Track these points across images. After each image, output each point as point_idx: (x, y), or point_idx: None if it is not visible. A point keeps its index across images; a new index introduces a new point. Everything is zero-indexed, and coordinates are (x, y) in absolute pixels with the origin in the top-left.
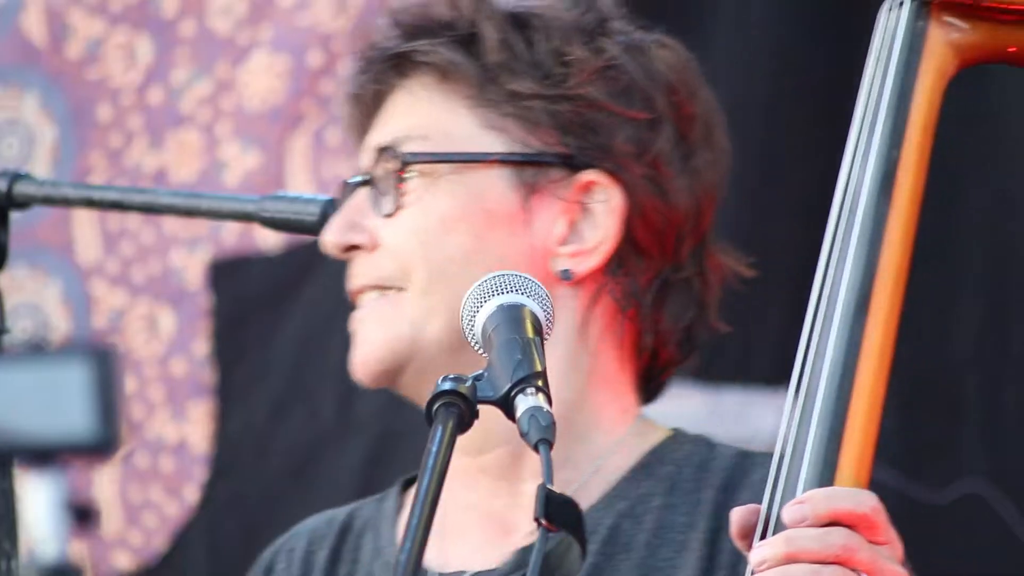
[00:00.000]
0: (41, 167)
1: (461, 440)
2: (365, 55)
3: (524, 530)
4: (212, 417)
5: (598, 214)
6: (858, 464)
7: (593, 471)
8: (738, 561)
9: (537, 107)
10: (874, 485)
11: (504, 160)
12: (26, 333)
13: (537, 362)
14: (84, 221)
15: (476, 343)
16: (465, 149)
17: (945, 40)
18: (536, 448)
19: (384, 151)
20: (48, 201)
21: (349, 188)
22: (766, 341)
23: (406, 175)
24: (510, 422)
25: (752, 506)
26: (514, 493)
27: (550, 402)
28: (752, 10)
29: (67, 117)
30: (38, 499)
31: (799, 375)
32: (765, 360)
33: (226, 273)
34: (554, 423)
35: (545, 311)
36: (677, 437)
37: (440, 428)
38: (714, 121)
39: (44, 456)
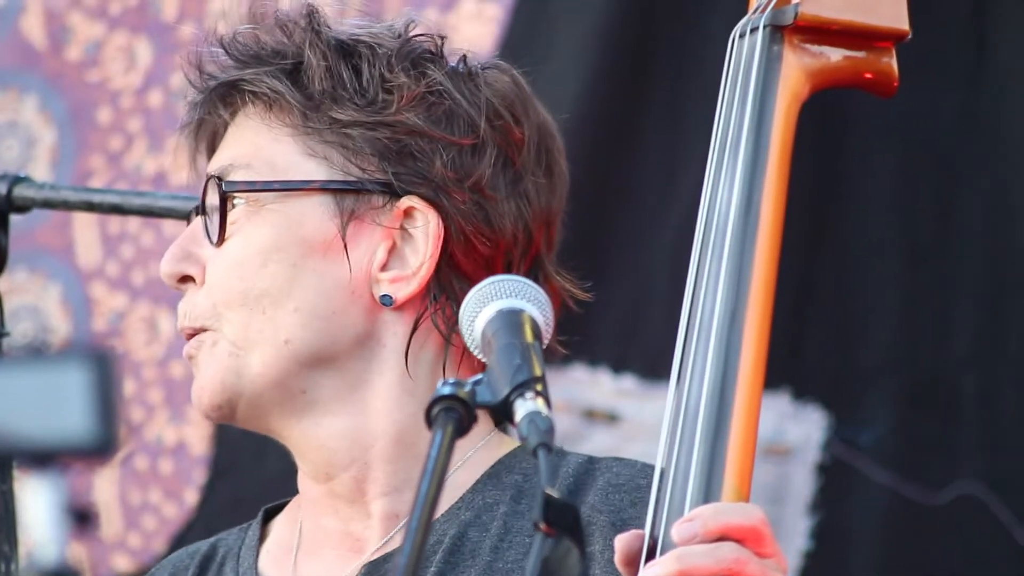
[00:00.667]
0: (40, 170)
1: (308, 468)
2: (197, 84)
3: (374, 546)
4: None
5: (418, 240)
6: (741, 478)
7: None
8: (588, 564)
9: (357, 134)
10: (871, 486)
11: (323, 188)
12: (26, 336)
13: (536, 366)
14: (84, 224)
15: (475, 347)
16: (286, 177)
17: (799, 65)
18: (534, 453)
19: (210, 180)
20: (48, 204)
21: (191, 216)
22: None
23: (230, 204)
24: (347, 445)
25: (635, 531)
26: (365, 514)
27: (550, 406)
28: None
29: (67, 120)
30: (37, 502)
31: (676, 395)
32: None
33: None
34: (553, 427)
35: (544, 316)
36: (526, 447)
37: (439, 433)
38: (548, 144)
39: (44, 459)
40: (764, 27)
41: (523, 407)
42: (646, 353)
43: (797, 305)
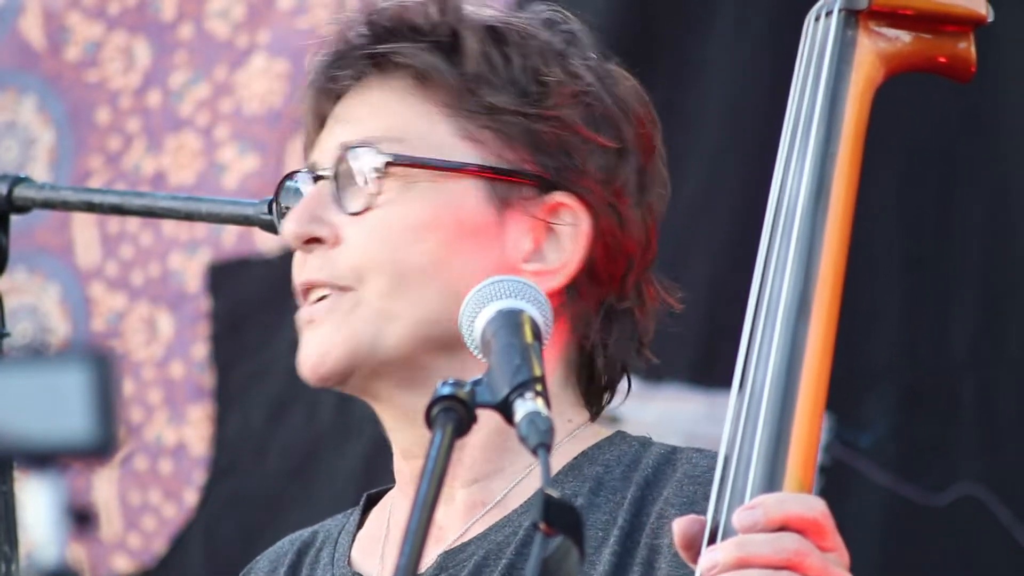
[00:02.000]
0: (39, 170)
1: (403, 441)
2: (338, 49)
3: (454, 534)
4: (211, 419)
5: (563, 236)
6: (804, 468)
7: (522, 478)
8: (654, 557)
9: (515, 123)
10: (871, 487)
11: (480, 172)
12: (25, 336)
13: (536, 367)
14: (84, 225)
15: (475, 347)
16: (441, 156)
17: (874, 49)
18: (535, 452)
19: (355, 148)
20: (47, 205)
21: (302, 177)
22: None
23: (381, 175)
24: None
25: (694, 516)
26: (448, 498)
27: (549, 406)
28: (752, 10)
29: (65, 120)
30: (37, 502)
31: (741, 381)
32: None
33: (225, 276)
34: (553, 427)
35: (544, 316)
36: (614, 438)
37: (439, 433)
38: (662, 155)
39: (43, 459)
40: (839, 11)
41: (523, 407)
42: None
43: None
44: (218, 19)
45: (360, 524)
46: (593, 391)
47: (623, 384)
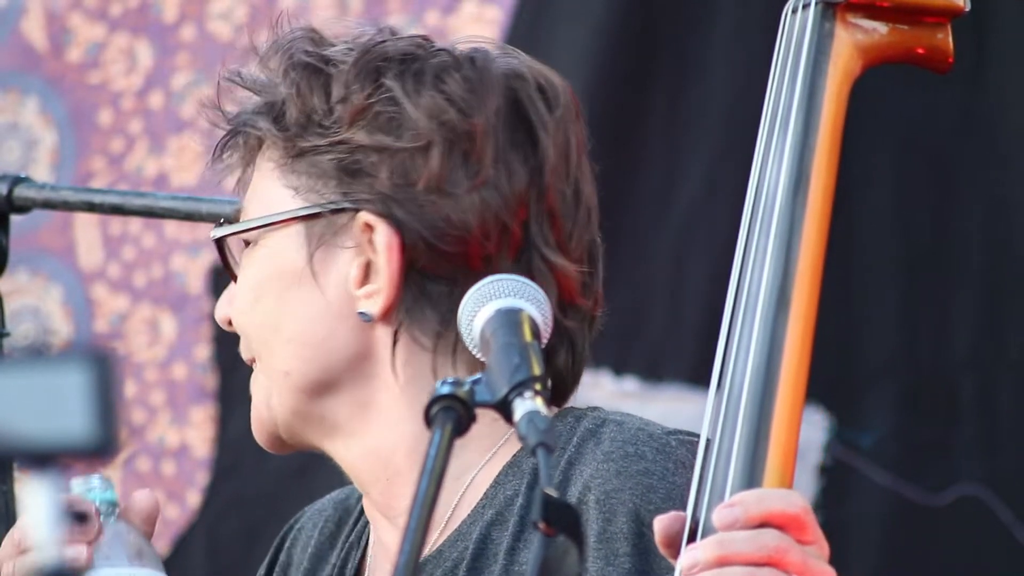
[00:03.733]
0: (41, 172)
1: (355, 482)
2: (221, 126)
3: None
4: (213, 421)
5: (380, 253)
6: (784, 463)
7: (463, 491)
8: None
9: (318, 160)
10: (872, 488)
11: (293, 218)
12: (28, 337)
13: (535, 366)
14: (86, 226)
15: (474, 346)
16: (268, 213)
17: (851, 41)
18: (534, 452)
19: (218, 225)
20: (48, 205)
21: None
22: None
23: (235, 246)
24: (371, 463)
25: (675, 513)
26: (395, 525)
27: (548, 405)
28: (752, 10)
29: (67, 121)
30: (38, 503)
31: (719, 376)
32: None
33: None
34: (552, 426)
35: (543, 315)
36: (556, 418)
37: (438, 432)
38: (526, 117)
39: (44, 460)
40: (816, 3)
41: (522, 406)
42: (647, 355)
43: None
44: (220, 20)
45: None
46: None
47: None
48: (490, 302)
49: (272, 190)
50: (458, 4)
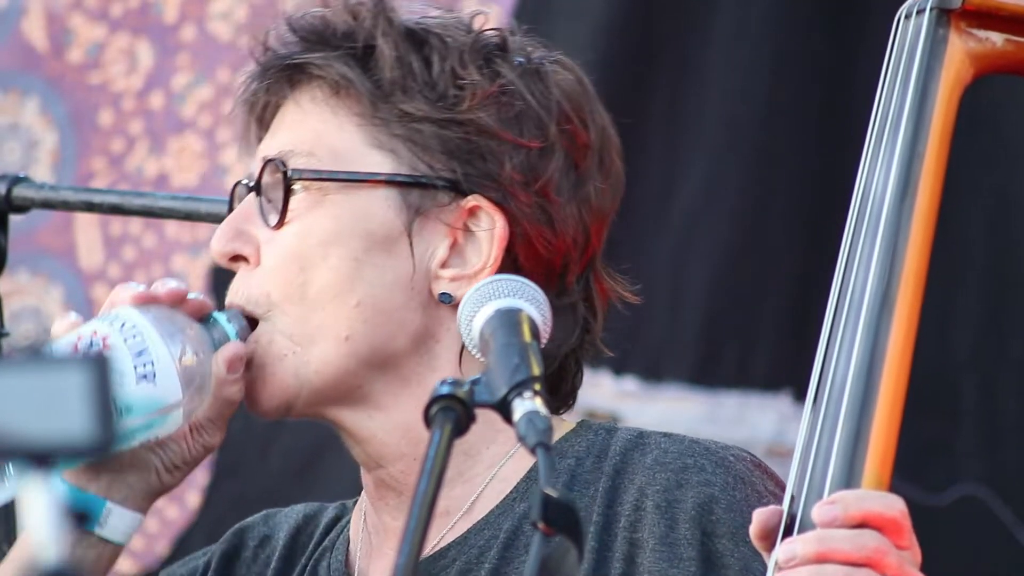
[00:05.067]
0: (42, 172)
1: (359, 456)
2: (260, 60)
3: (429, 542)
4: None
5: (481, 240)
6: (882, 466)
7: (488, 480)
8: (635, 552)
9: (427, 130)
10: None
11: (390, 181)
12: (28, 338)
13: (535, 366)
14: (86, 226)
15: (473, 346)
16: (351, 168)
17: (964, 49)
18: (533, 451)
19: (270, 162)
20: (47, 205)
21: (240, 190)
22: (764, 346)
23: (292, 190)
24: (397, 439)
25: (773, 507)
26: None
27: (548, 405)
28: (752, 10)
29: (68, 122)
30: (38, 502)
31: (819, 377)
32: (763, 364)
33: (228, 278)
34: (551, 426)
35: (542, 315)
36: (580, 429)
37: (437, 432)
38: (608, 147)
39: (43, 459)
40: (930, 9)
41: (521, 406)
42: (647, 355)
43: (799, 306)
44: (220, 21)
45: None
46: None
47: (625, 386)
48: (489, 302)
49: (352, 144)
50: (459, 1)
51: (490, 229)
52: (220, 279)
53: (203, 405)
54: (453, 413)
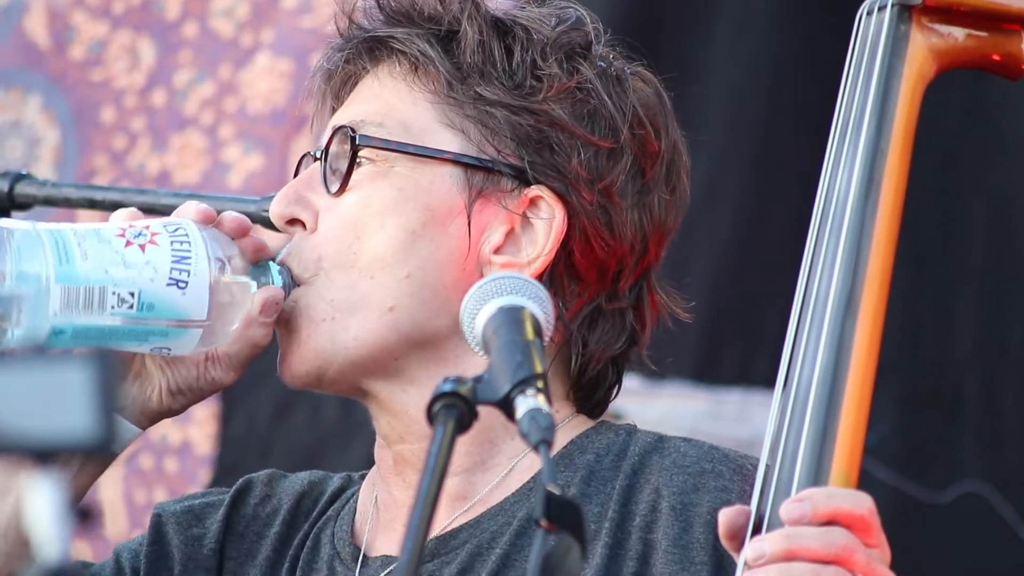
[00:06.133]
0: (44, 169)
1: (384, 428)
2: (344, 33)
3: (440, 523)
4: (216, 419)
5: (538, 230)
6: (850, 463)
7: (508, 470)
8: (649, 552)
9: (499, 114)
10: (874, 485)
11: (456, 160)
12: None
13: (537, 364)
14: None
15: (476, 344)
16: (420, 142)
17: (927, 45)
18: (536, 449)
19: (339, 130)
20: (49, 202)
21: (307, 160)
22: (766, 343)
23: (358, 158)
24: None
25: (740, 507)
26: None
27: (550, 403)
28: (752, 10)
29: (70, 119)
30: (40, 499)
31: (786, 376)
32: (765, 362)
33: None
34: (554, 424)
35: (545, 313)
36: (600, 428)
37: (440, 429)
38: (678, 163)
39: (45, 456)
40: (892, 6)
41: (524, 404)
42: (649, 352)
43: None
44: (222, 18)
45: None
46: (581, 386)
47: (627, 384)
48: (492, 300)
49: (423, 120)
50: None
51: (549, 219)
52: None
53: (226, 338)
54: (456, 410)
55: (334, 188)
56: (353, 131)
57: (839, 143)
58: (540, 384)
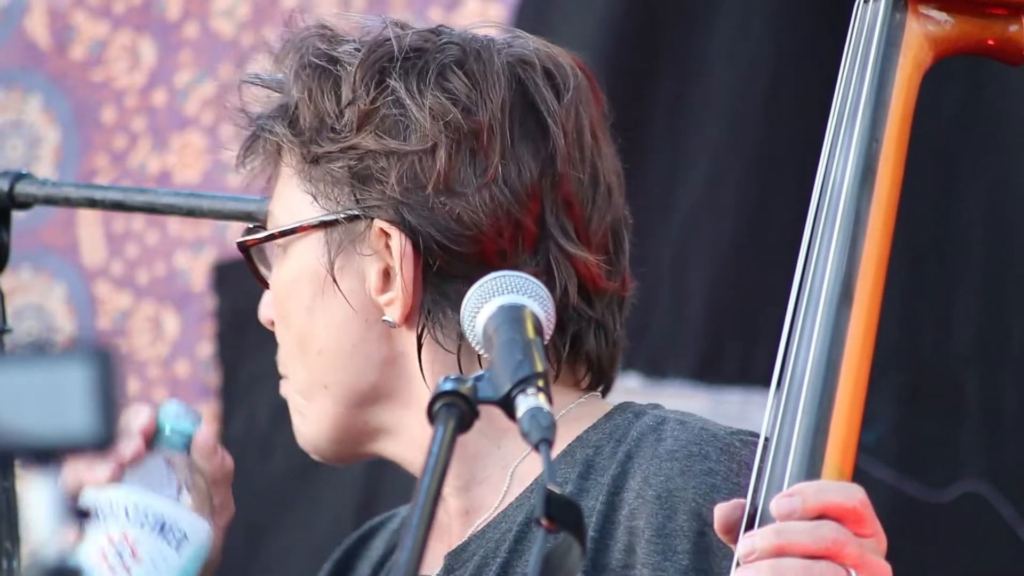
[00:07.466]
0: (45, 169)
1: (408, 472)
2: (243, 125)
3: (458, 537)
4: (216, 418)
5: (395, 259)
6: (843, 456)
7: (510, 474)
8: (634, 540)
9: (331, 167)
10: (873, 483)
11: (312, 226)
12: (31, 335)
13: (538, 362)
14: (89, 223)
15: (477, 343)
16: (289, 220)
17: (922, 32)
18: (537, 448)
19: (250, 229)
20: (50, 201)
21: None
22: (767, 343)
23: (262, 255)
24: (416, 455)
25: (736, 501)
26: (445, 508)
27: (551, 402)
28: (752, 10)
29: (71, 119)
30: (40, 499)
31: (781, 368)
32: (766, 362)
33: (230, 275)
34: (555, 423)
35: (546, 311)
36: (614, 413)
37: (441, 428)
38: (534, 104)
39: (46, 456)
40: None
41: (525, 403)
42: (650, 352)
43: None
44: (223, 18)
45: None
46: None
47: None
48: (493, 299)
49: (293, 196)
50: (461, 1)
51: (399, 248)
52: (222, 276)
53: (211, 498)
54: (457, 409)
55: (264, 285)
56: (252, 228)
57: (836, 133)
58: (541, 383)
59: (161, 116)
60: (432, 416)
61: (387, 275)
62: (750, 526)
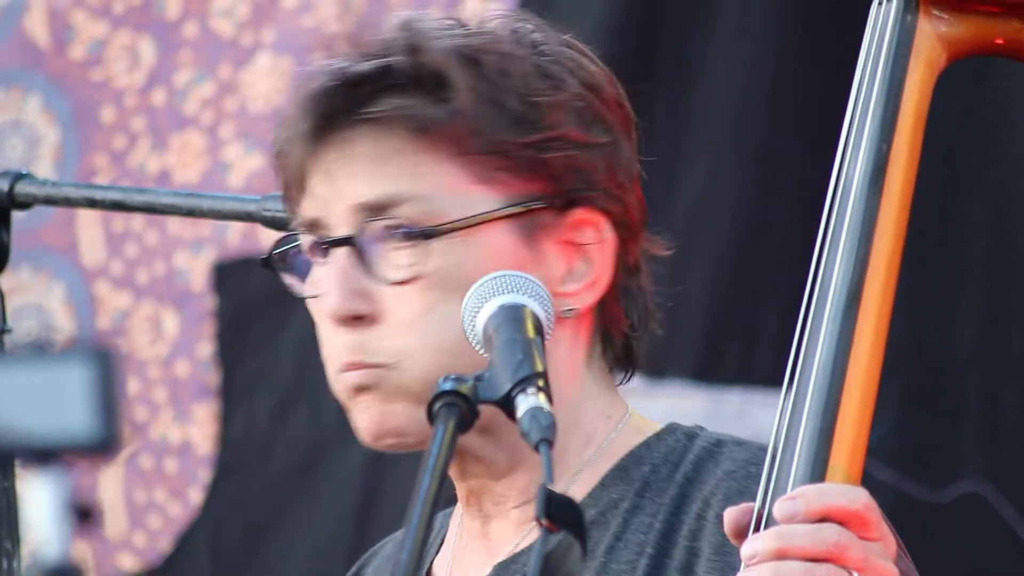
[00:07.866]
0: (44, 169)
1: (456, 470)
2: (320, 111)
3: (509, 547)
4: (216, 418)
5: (591, 250)
6: (850, 460)
7: (570, 484)
8: (693, 560)
9: (523, 155)
10: (874, 484)
11: (500, 215)
12: (30, 335)
13: (538, 362)
14: (88, 223)
15: (477, 343)
16: (462, 207)
17: (934, 33)
18: (537, 448)
19: (376, 210)
20: (50, 201)
21: (319, 247)
22: (766, 343)
23: (413, 241)
24: (500, 456)
25: (745, 505)
26: (502, 516)
27: (551, 402)
28: (754, 8)
29: (70, 119)
30: (40, 499)
31: (792, 370)
32: (766, 361)
33: (230, 275)
34: (555, 423)
35: (546, 311)
36: (664, 433)
37: (441, 428)
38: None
39: (45, 456)
40: None
41: (525, 403)
42: (649, 352)
43: (802, 303)
44: (223, 18)
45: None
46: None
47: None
48: (493, 298)
49: (457, 184)
50: (461, 0)
51: (599, 239)
52: (222, 276)
53: None
54: (457, 409)
55: (396, 276)
56: (396, 211)
57: (848, 132)
58: (541, 382)
59: (160, 116)
60: (432, 416)
61: (570, 265)
62: (757, 529)
